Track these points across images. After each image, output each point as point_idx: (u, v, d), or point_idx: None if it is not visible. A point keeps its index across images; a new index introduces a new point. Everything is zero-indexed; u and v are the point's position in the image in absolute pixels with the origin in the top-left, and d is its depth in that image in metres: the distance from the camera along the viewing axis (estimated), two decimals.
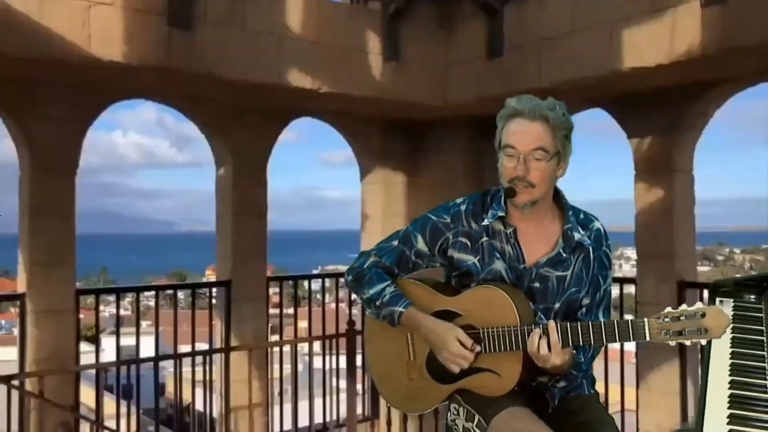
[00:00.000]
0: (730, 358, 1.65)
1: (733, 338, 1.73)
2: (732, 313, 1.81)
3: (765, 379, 1.56)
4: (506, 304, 1.90)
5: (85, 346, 6.64)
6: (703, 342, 1.68)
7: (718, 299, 1.87)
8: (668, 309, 1.71)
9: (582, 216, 2.03)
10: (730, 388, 1.52)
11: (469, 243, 2.01)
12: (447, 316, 2.01)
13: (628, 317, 2.14)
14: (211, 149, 6.63)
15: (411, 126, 7.37)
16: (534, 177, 1.90)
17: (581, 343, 1.81)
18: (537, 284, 1.98)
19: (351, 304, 6.97)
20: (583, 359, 2.04)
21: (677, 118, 5.73)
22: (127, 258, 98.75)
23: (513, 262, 1.98)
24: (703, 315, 1.66)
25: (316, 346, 6.83)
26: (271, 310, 6.82)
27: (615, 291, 3.76)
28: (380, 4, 6.39)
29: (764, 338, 1.72)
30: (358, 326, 6.45)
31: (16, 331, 5.71)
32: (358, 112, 7.12)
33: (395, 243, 2.13)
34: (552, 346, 1.80)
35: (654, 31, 5.01)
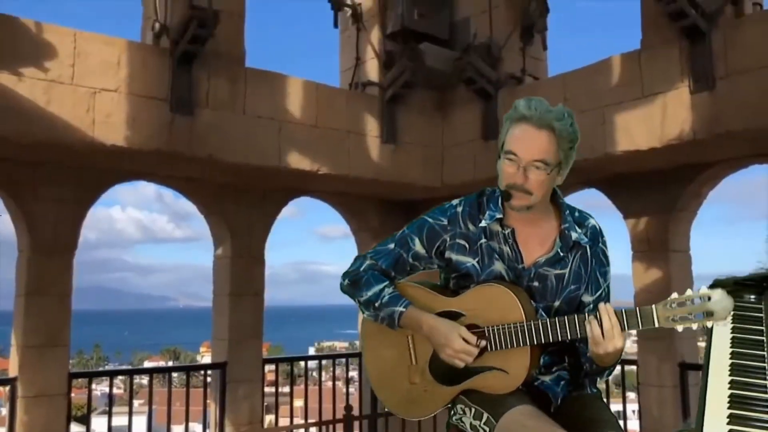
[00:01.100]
0: (730, 358, 1.64)
1: (733, 338, 1.72)
2: (732, 313, 1.80)
3: (765, 379, 1.55)
4: (511, 301, 1.90)
5: (75, 427, 6.47)
6: (709, 325, 1.69)
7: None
8: (674, 295, 1.74)
9: (577, 214, 2.03)
10: (730, 388, 1.52)
11: (467, 245, 2.00)
12: (450, 316, 1.98)
13: (631, 395, 2.09)
14: (210, 229, 6.67)
15: (408, 204, 7.44)
16: (532, 186, 1.89)
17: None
18: (536, 283, 1.97)
19: (348, 382, 6.84)
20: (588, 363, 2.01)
21: (671, 199, 5.80)
22: (120, 334, 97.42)
23: (512, 263, 1.98)
24: (709, 298, 1.68)
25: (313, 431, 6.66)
26: (267, 389, 6.70)
27: (617, 370, 3.70)
28: (378, 89, 6.57)
29: (764, 338, 1.71)
30: (356, 410, 6.31)
31: (4, 411, 5.57)
32: (355, 192, 7.20)
33: (391, 246, 2.09)
34: (614, 328, 1.78)
35: (645, 116, 5.13)
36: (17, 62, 4.50)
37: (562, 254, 1.97)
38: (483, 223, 1.97)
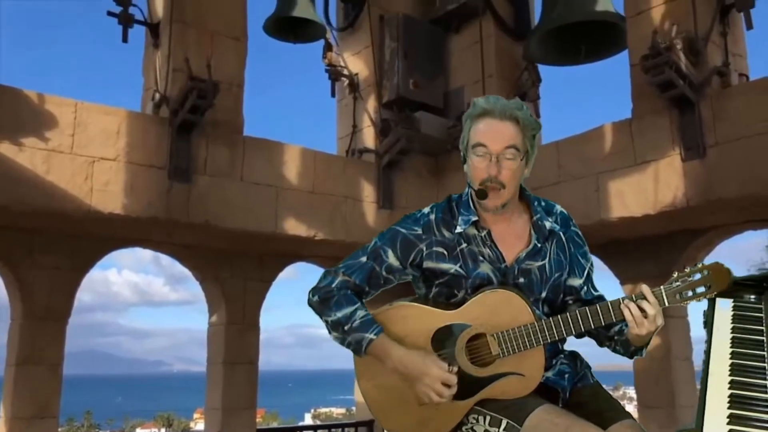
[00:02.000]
0: (730, 358, 1.64)
1: (733, 338, 1.72)
2: (732, 313, 1.81)
3: (765, 379, 1.54)
4: (519, 304, 1.87)
5: None
6: (711, 296, 1.75)
7: (718, 299, 1.84)
8: (675, 274, 1.77)
9: (544, 203, 2.03)
10: (730, 388, 1.51)
11: (445, 252, 1.95)
12: (454, 329, 1.90)
13: None
14: (205, 295, 6.63)
15: None
16: (505, 177, 1.89)
17: (614, 319, 1.83)
18: (522, 279, 1.95)
19: None
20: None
21: (667, 265, 5.80)
22: (113, 400, 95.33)
23: (494, 263, 1.95)
24: (707, 272, 1.74)
25: None
26: None
27: None
28: (374, 156, 6.66)
29: (764, 338, 1.70)
30: None
31: None
32: None
33: (363, 259, 1.99)
34: (653, 306, 1.77)
35: (638, 183, 5.19)
36: (18, 132, 4.57)
37: (539, 245, 1.97)
38: (459, 229, 1.95)
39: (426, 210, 2.01)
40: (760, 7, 5.24)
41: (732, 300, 1.86)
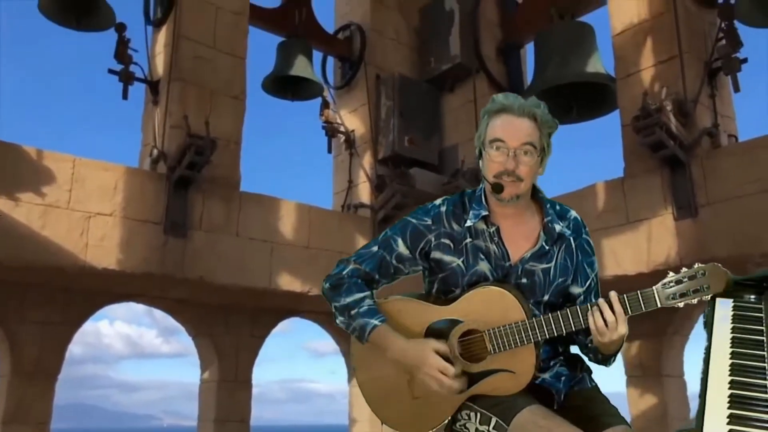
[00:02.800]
0: (730, 358, 1.62)
1: (733, 338, 1.70)
2: (732, 313, 1.79)
3: (765, 379, 1.53)
4: (510, 301, 1.87)
5: None
6: (707, 298, 1.72)
7: (717, 299, 1.82)
8: (671, 274, 1.75)
9: (558, 207, 2.02)
10: (730, 388, 1.50)
11: (452, 244, 1.96)
12: (448, 324, 1.92)
13: None
14: (197, 350, 6.55)
15: None
16: (522, 171, 1.89)
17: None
18: (524, 280, 1.94)
19: None
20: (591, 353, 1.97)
21: (663, 323, 5.79)
22: None
23: (498, 261, 1.95)
24: (704, 273, 1.73)
25: None
26: None
27: None
28: (370, 211, 6.70)
29: (764, 338, 1.68)
30: None
31: None
32: None
33: (375, 248, 2.03)
34: (618, 316, 1.78)
35: (632, 242, 5.23)
36: (16, 188, 4.60)
37: (547, 248, 1.96)
38: (468, 223, 1.96)
39: (438, 202, 2.04)
40: (747, 71, 5.38)
41: (732, 300, 1.84)
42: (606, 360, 1.97)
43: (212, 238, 5.48)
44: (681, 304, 1.75)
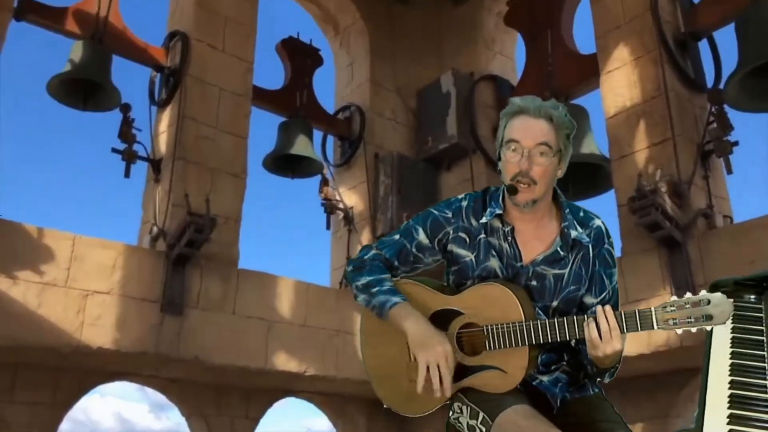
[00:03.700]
0: (730, 358, 1.62)
1: (733, 338, 1.70)
2: (732, 313, 1.75)
3: (765, 379, 1.53)
4: (511, 301, 1.87)
5: None
6: (708, 328, 1.67)
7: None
8: (673, 298, 1.71)
9: (582, 214, 2.00)
10: (730, 388, 1.50)
11: (467, 239, 1.99)
12: (449, 314, 1.95)
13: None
14: None
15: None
16: (536, 173, 1.89)
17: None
18: (534, 282, 1.94)
19: None
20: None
21: (666, 405, 5.69)
22: None
23: (510, 261, 1.96)
24: (708, 302, 1.67)
25: None
26: None
27: None
28: None
29: (764, 338, 1.68)
30: None
31: None
32: (343, 393, 7.01)
33: (396, 237, 2.08)
34: (612, 330, 1.75)
35: None
36: (14, 266, 4.60)
37: (562, 254, 1.95)
38: (484, 219, 1.98)
39: (460, 196, 2.07)
40: (739, 153, 5.49)
41: (732, 300, 1.80)
42: (600, 374, 1.95)
43: (208, 317, 5.44)
44: (679, 331, 1.72)
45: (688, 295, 1.73)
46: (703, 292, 1.72)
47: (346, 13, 8.04)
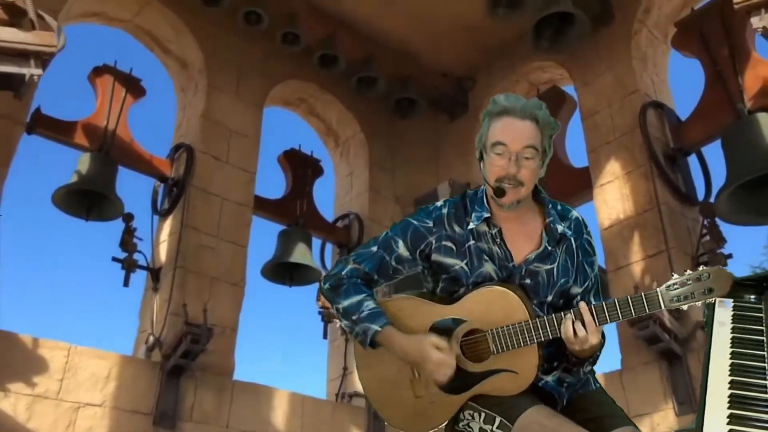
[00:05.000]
0: (730, 358, 1.63)
1: (733, 338, 1.71)
2: (732, 313, 1.79)
3: (765, 379, 1.53)
4: (514, 301, 1.87)
5: None
6: (711, 301, 1.72)
7: (717, 299, 1.80)
8: (675, 276, 1.75)
9: (560, 207, 2.01)
10: (730, 388, 1.51)
11: (453, 247, 1.95)
12: (451, 324, 1.90)
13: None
14: None
15: None
16: (524, 176, 1.88)
17: (609, 320, 1.82)
18: (528, 281, 1.93)
19: None
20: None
21: None
22: None
23: (502, 262, 1.93)
24: (708, 276, 1.72)
25: None
26: None
27: None
28: (365, 401, 6.54)
29: (764, 338, 1.69)
30: None
31: None
32: None
33: (374, 249, 2.01)
34: (587, 326, 1.78)
35: None
36: (6, 378, 4.54)
37: (550, 248, 1.95)
38: (471, 225, 1.94)
39: (439, 204, 2.03)
40: (733, 266, 5.56)
41: (732, 300, 1.85)
42: (577, 364, 1.94)
43: (202, 431, 5.31)
44: (685, 307, 1.76)
45: (688, 271, 1.79)
46: (702, 267, 1.80)
47: (347, 126, 8.34)
